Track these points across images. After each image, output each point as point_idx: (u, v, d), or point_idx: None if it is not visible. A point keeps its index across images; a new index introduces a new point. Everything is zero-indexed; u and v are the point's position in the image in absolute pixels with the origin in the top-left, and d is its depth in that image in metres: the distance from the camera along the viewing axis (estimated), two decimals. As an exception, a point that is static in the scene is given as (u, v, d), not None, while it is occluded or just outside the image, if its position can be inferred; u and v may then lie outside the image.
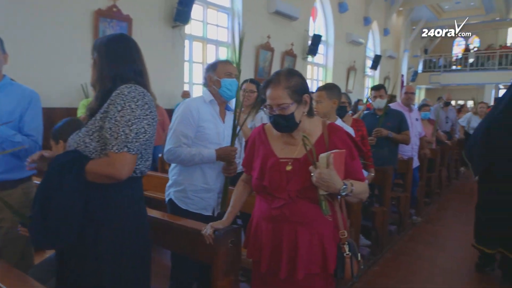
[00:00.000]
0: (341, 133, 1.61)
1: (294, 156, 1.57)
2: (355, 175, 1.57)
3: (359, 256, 1.58)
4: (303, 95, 1.55)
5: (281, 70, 1.59)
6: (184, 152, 2.11)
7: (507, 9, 15.87)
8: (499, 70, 17.54)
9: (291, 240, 1.54)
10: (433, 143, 5.93)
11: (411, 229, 4.57)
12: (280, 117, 1.52)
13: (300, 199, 1.52)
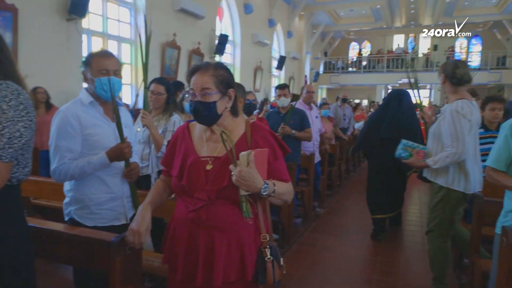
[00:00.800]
0: (264, 132, 1.56)
1: (215, 154, 1.49)
2: (279, 176, 1.53)
3: (282, 261, 1.49)
4: (228, 89, 1.50)
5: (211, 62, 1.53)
6: (72, 167, 1.86)
7: (392, 19, 17.71)
8: (387, 72, 19.55)
9: (208, 246, 1.45)
10: (333, 139, 6.36)
11: (315, 221, 4.83)
12: (201, 104, 1.45)
13: (220, 201, 1.44)
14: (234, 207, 1.45)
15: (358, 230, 4.60)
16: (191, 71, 1.51)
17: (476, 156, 2.73)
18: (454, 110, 2.63)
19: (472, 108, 2.65)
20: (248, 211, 1.43)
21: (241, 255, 1.46)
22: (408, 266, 3.57)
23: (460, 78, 2.68)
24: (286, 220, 3.89)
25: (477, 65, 19.64)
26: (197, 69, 1.49)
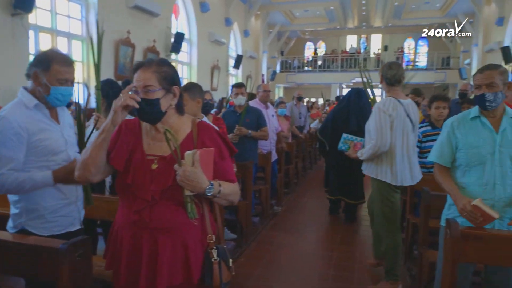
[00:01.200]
0: (211, 131, 1.54)
1: (160, 153, 1.45)
2: (225, 176, 1.51)
3: (231, 262, 1.48)
4: (173, 85, 1.46)
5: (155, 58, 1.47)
6: (9, 181, 1.70)
7: (345, 20, 18.22)
8: (342, 71, 20.10)
9: (152, 249, 1.41)
10: (289, 137, 6.44)
11: (273, 219, 4.87)
12: (143, 101, 1.40)
13: (164, 201, 1.41)
14: (178, 208, 1.42)
15: (315, 227, 4.69)
16: (134, 68, 1.47)
17: (404, 149, 2.89)
18: (377, 106, 2.91)
19: (396, 105, 2.85)
20: (193, 212, 1.41)
21: (186, 257, 1.43)
22: (363, 260, 3.68)
23: (391, 78, 2.93)
24: (244, 219, 3.89)
25: (424, 65, 20.71)
26: (140, 66, 1.45)
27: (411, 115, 2.92)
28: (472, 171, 2.01)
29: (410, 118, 2.91)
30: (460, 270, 2.05)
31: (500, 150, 1.95)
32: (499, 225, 1.96)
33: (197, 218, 1.44)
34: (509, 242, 1.80)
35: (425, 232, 2.61)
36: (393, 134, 2.84)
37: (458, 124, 2.08)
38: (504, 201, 1.95)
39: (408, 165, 2.92)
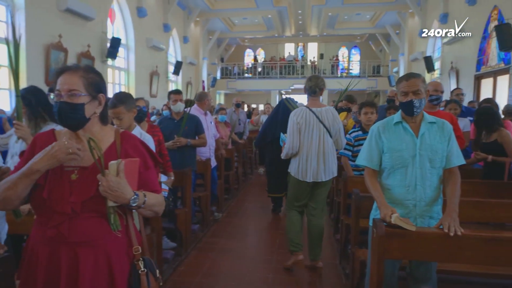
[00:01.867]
0: (134, 141, 1.50)
1: (81, 164, 1.38)
2: (150, 186, 1.48)
3: (158, 273, 1.45)
4: (99, 93, 1.42)
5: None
6: None
7: (283, 28, 18.72)
8: (280, 78, 20.58)
9: (72, 265, 1.33)
10: (229, 143, 6.44)
11: (213, 225, 4.81)
12: (67, 105, 1.34)
13: (85, 214, 1.33)
14: (101, 220, 1.36)
15: (257, 231, 4.71)
16: (58, 71, 1.40)
17: (314, 151, 3.28)
18: (291, 115, 3.36)
19: (306, 113, 3.28)
20: (116, 223, 1.36)
21: (111, 270, 1.37)
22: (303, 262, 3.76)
23: (308, 89, 3.37)
24: (184, 227, 3.80)
25: (357, 73, 21.85)
26: (65, 70, 1.39)
27: (325, 121, 3.29)
28: (396, 173, 2.13)
29: (323, 124, 3.28)
30: (387, 266, 2.17)
31: (420, 153, 2.08)
32: (420, 223, 2.10)
33: (120, 230, 1.39)
34: (429, 238, 1.93)
35: (356, 232, 2.72)
36: (301, 138, 3.27)
37: (383, 129, 2.19)
38: (424, 200, 2.09)
39: (316, 164, 3.30)
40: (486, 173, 3.60)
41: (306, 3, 14.97)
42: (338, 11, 15.82)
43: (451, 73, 10.98)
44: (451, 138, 2.11)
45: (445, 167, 2.11)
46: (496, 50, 8.60)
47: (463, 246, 1.90)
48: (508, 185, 3.31)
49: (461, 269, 2.39)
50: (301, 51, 24.39)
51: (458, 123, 3.62)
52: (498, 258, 1.93)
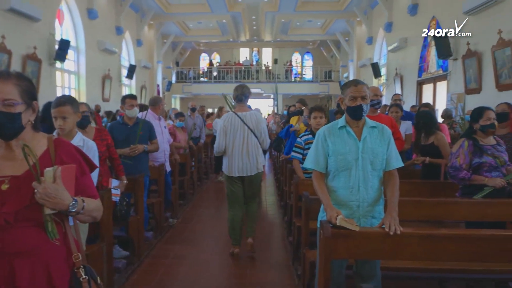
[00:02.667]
0: (69, 147, 1.47)
1: (11, 173, 1.31)
2: (87, 192, 1.46)
3: (99, 279, 1.42)
4: (33, 100, 1.38)
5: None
6: None
7: (237, 33, 18.81)
8: (236, 82, 20.59)
9: (7, 278, 1.26)
10: (187, 148, 6.38)
11: (168, 232, 4.72)
12: (3, 115, 1.27)
13: (20, 223, 1.27)
14: (37, 229, 1.31)
15: (212, 235, 4.68)
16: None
17: (238, 149, 3.75)
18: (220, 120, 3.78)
19: (231, 118, 3.77)
20: (53, 231, 1.32)
21: (50, 280, 1.33)
22: (257, 266, 3.78)
23: (235, 97, 3.85)
24: (136, 234, 3.69)
25: (310, 78, 22.41)
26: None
27: (249, 123, 3.77)
28: (340, 176, 2.21)
29: (248, 126, 3.76)
30: (335, 265, 2.24)
31: (362, 156, 2.17)
32: (364, 223, 2.19)
33: (58, 238, 1.35)
34: (371, 238, 2.02)
35: (307, 233, 2.78)
36: (227, 139, 3.74)
37: (329, 133, 2.26)
38: (367, 201, 2.18)
39: (237, 160, 3.77)
40: (424, 174, 3.82)
41: (259, 9, 15.18)
42: (291, 18, 16.15)
43: (396, 79, 11.57)
44: (390, 142, 2.22)
45: (385, 170, 2.21)
46: (435, 58, 9.18)
47: (402, 244, 2.01)
48: (444, 185, 3.53)
49: (403, 265, 2.52)
50: (255, 56, 24.62)
51: (397, 126, 3.82)
52: (434, 253, 2.06)
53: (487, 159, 2.90)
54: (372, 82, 13.77)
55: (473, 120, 3.00)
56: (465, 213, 2.84)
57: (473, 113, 3.05)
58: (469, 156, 2.92)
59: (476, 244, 2.02)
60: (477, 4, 7.08)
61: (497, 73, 6.70)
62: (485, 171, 2.92)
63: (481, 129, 2.95)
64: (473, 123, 3.00)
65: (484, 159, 2.90)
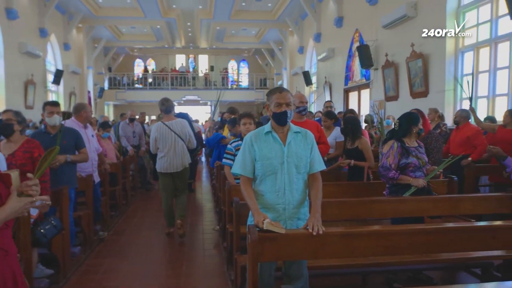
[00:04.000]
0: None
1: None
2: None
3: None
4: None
5: None
6: None
7: (173, 40, 18.50)
8: (172, 89, 20.24)
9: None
10: (121, 157, 6.15)
11: (98, 245, 4.47)
12: None
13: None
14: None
15: (146, 247, 4.52)
16: None
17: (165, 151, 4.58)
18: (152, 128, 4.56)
19: (159, 126, 4.62)
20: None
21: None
22: (189, 277, 3.72)
23: (163, 110, 4.68)
24: (61, 251, 3.44)
25: (246, 85, 22.70)
26: None
27: (175, 130, 4.60)
28: (267, 180, 2.26)
29: (175, 132, 4.59)
30: (264, 268, 2.29)
31: (287, 160, 2.25)
32: (290, 225, 2.26)
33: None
34: (297, 239, 2.09)
35: (238, 238, 2.80)
36: (157, 143, 4.60)
37: (255, 139, 2.31)
38: (293, 204, 2.26)
39: (168, 160, 4.59)
40: (350, 176, 4.05)
41: (195, 16, 15.09)
42: (226, 26, 16.27)
43: (325, 87, 12.14)
44: (313, 146, 2.32)
45: (309, 173, 2.31)
46: (359, 68, 9.79)
47: (325, 243, 2.11)
48: (367, 185, 3.78)
49: (328, 263, 2.63)
50: (192, 63, 24.38)
51: (323, 131, 4.02)
52: (355, 250, 2.19)
53: (412, 160, 3.15)
54: (304, 90, 14.31)
55: (413, 124, 3.20)
56: (385, 211, 3.06)
57: (412, 117, 3.24)
58: (398, 156, 3.15)
59: (390, 239, 2.18)
60: (392, 20, 7.70)
61: (411, 82, 7.32)
62: (410, 171, 3.16)
63: (418, 132, 3.22)
64: (413, 127, 3.19)
65: (410, 160, 3.15)
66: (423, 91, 7.04)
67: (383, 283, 3.27)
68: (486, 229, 2.31)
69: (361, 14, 9.57)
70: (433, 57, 6.86)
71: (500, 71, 5.90)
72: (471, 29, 6.42)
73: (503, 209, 3.13)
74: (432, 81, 6.92)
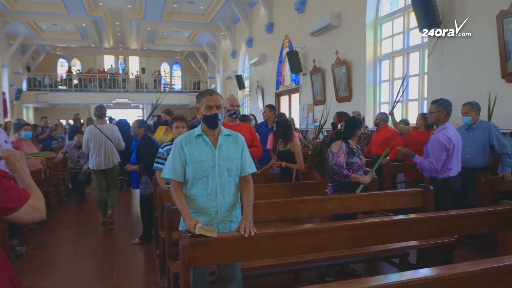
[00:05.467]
0: None
1: None
2: None
3: None
4: None
5: None
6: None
7: (100, 39, 17.54)
8: (100, 92, 19.19)
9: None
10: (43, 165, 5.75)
11: (15, 262, 4.07)
12: None
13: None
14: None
15: (71, 260, 4.21)
16: None
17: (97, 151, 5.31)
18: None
19: (92, 130, 5.31)
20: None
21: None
22: (124, 284, 3.55)
23: (97, 115, 5.39)
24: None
25: (179, 88, 22.26)
26: None
27: (106, 133, 5.32)
28: (198, 184, 2.23)
29: (105, 135, 5.31)
30: (198, 273, 2.25)
31: (218, 163, 2.24)
32: (222, 228, 2.25)
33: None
34: (229, 242, 2.09)
35: (170, 245, 2.73)
36: (90, 144, 5.28)
37: (186, 142, 2.27)
38: (225, 207, 2.25)
39: (99, 159, 5.29)
40: (281, 177, 4.16)
41: (124, 15, 14.46)
42: (157, 27, 15.81)
43: (258, 91, 12.35)
44: (244, 149, 2.34)
45: (240, 175, 2.32)
46: (289, 73, 10.12)
47: (256, 244, 2.14)
48: (298, 186, 3.90)
49: (261, 264, 2.67)
50: (122, 64, 23.32)
51: (256, 135, 4.08)
52: (285, 249, 2.24)
53: (356, 159, 3.37)
54: (237, 93, 14.42)
55: (357, 128, 3.40)
56: (312, 209, 3.19)
57: (356, 122, 3.43)
58: (346, 156, 3.32)
59: (317, 237, 2.28)
60: (318, 28, 8.09)
61: (336, 87, 7.75)
62: (355, 170, 3.36)
63: (361, 135, 3.41)
64: (357, 130, 3.40)
65: (355, 160, 3.36)
66: (347, 95, 7.48)
67: (314, 278, 3.41)
68: (401, 222, 2.51)
69: (290, 21, 9.91)
70: (355, 64, 7.33)
71: (412, 78, 6.48)
72: (387, 39, 6.98)
73: (416, 203, 3.43)
74: (355, 86, 7.38)
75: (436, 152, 3.42)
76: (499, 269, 1.70)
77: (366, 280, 1.60)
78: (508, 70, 4.46)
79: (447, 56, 5.30)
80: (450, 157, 3.44)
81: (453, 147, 3.43)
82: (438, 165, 3.43)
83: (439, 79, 5.48)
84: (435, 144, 3.43)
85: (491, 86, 4.63)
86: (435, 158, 3.43)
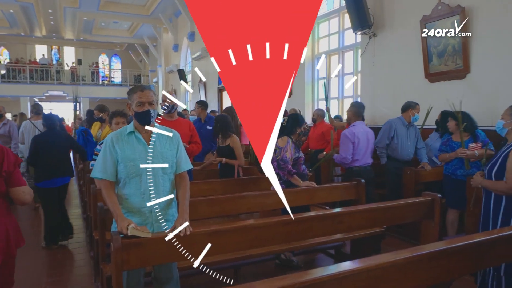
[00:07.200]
0: None
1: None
2: None
3: None
4: None
5: None
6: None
7: (31, 27, 16.13)
8: (32, 83, 17.70)
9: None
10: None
11: None
12: None
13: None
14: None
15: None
16: None
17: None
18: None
19: (26, 123, 5.58)
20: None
21: None
22: None
23: (35, 112, 5.65)
24: None
25: (119, 81, 21.23)
26: None
27: (39, 127, 5.31)
28: (131, 183, 2.11)
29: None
30: (132, 275, 2.14)
31: (152, 161, 2.12)
32: (157, 228, 2.15)
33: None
34: (164, 242, 1.98)
35: (103, 246, 2.57)
36: (25, 137, 5.54)
37: (117, 140, 2.13)
38: (160, 206, 2.15)
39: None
40: (222, 173, 4.10)
41: (57, 3, 13.41)
42: (94, 17, 14.88)
43: (200, 86, 12.15)
44: (179, 146, 2.25)
45: (176, 173, 2.23)
46: (232, 68, 10.05)
47: (194, 243, 2.06)
48: (238, 182, 3.87)
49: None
50: (56, 55, 21.69)
51: (196, 131, 3.98)
52: (223, 246, 2.20)
53: (301, 154, 3.45)
54: (179, 88, 14.08)
55: (298, 126, 3.43)
56: (252, 205, 3.18)
57: (298, 119, 3.47)
58: (293, 151, 3.35)
59: (254, 232, 2.27)
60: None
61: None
62: (300, 164, 3.43)
63: (299, 133, 3.44)
64: (297, 128, 3.42)
65: (301, 154, 3.43)
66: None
67: (254, 273, 3.41)
68: (334, 216, 2.58)
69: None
70: (295, 62, 7.44)
71: (347, 76, 6.74)
72: (324, 38, 7.18)
73: (350, 196, 3.57)
74: (294, 84, 7.51)
75: (343, 145, 3.94)
76: (419, 258, 1.79)
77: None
78: (430, 70, 4.80)
79: (377, 56, 5.58)
80: (356, 149, 3.90)
81: (358, 141, 3.89)
82: (346, 156, 3.90)
83: (371, 77, 5.76)
84: (342, 138, 3.98)
85: (416, 85, 4.96)
86: (343, 150, 3.93)
